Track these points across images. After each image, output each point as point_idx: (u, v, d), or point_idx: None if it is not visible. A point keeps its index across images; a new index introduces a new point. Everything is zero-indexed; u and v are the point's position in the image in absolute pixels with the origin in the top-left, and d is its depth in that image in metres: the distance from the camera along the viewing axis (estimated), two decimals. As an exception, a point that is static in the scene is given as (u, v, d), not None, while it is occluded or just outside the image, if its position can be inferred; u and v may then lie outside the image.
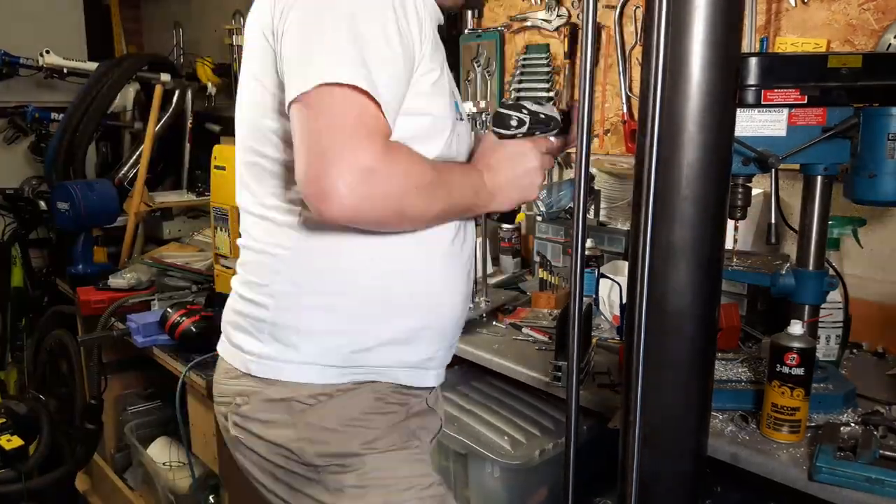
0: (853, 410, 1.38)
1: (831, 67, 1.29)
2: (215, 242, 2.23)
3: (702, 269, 1.02)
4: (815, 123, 1.31)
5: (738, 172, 1.34)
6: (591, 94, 0.97)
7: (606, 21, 2.23)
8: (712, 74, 0.96)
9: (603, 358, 1.66)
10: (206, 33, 3.98)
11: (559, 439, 1.61)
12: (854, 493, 1.13)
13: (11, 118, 3.74)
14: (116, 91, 3.24)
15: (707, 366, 1.08)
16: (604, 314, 1.95)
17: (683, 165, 0.98)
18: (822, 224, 1.39)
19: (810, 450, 1.23)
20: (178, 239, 3.10)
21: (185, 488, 2.30)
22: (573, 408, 1.05)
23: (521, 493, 1.60)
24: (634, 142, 2.11)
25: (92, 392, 2.47)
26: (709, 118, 0.97)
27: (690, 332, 1.04)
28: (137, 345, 2.08)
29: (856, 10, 1.75)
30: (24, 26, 3.75)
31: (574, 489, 1.08)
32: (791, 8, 1.85)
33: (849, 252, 1.68)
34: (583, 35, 0.95)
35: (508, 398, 1.79)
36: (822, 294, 1.42)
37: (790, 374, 1.25)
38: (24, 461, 2.29)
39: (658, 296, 1.01)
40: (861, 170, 1.29)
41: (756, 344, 1.66)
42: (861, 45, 1.75)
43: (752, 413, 1.36)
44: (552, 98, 2.46)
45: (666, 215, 0.99)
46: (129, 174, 3.30)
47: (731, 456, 1.27)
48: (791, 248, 1.62)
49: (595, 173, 2.27)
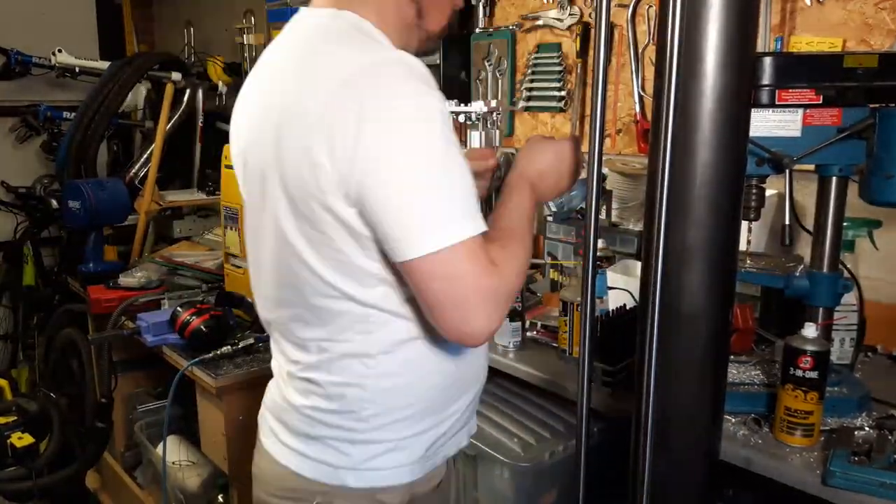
0: (867, 414, 1.36)
1: (847, 67, 1.27)
2: (225, 241, 2.23)
3: (715, 271, 1.01)
4: (831, 124, 1.30)
5: (752, 173, 1.33)
6: (603, 94, 0.96)
7: (619, 20, 2.22)
8: (726, 74, 0.95)
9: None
10: (217, 32, 3.99)
11: (569, 441, 1.60)
12: (868, 497, 1.11)
13: (24, 117, 3.76)
14: (128, 90, 3.25)
15: (720, 368, 1.07)
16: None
17: (697, 166, 0.97)
18: (837, 225, 1.37)
19: (824, 454, 1.22)
20: (189, 238, 3.11)
21: (195, 487, 2.30)
22: (584, 410, 1.05)
23: (530, 495, 1.59)
24: (647, 142, 2.10)
25: (102, 390, 2.48)
26: (723, 118, 0.96)
27: (703, 334, 1.03)
28: (147, 344, 2.08)
29: (872, 10, 1.73)
30: (36, 26, 3.77)
31: (585, 492, 1.07)
32: (806, 7, 1.84)
33: (864, 254, 1.66)
34: (596, 34, 0.94)
35: (518, 400, 1.79)
36: (836, 296, 1.40)
37: (804, 377, 1.24)
38: (35, 459, 2.29)
39: (671, 297, 1.00)
40: (877, 171, 1.28)
41: (769, 346, 1.64)
42: (877, 45, 1.73)
43: (765, 416, 1.34)
44: (563, 97, 2.45)
45: (679, 216, 0.98)
46: (139, 173, 3.31)
47: (744, 460, 1.26)
48: (805, 249, 1.60)
49: (607, 173, 2.26)
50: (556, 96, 2.48)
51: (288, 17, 3.20)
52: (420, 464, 1.14)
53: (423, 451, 1.13)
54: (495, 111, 2.03)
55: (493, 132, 1.86)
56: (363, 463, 1.11)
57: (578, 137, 1.24)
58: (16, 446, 2.18)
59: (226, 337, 1.98)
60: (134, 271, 2.53)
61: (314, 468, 1.12)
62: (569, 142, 1.23)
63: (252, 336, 2.00)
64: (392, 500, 1.13)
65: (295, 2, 3.15)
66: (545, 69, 2.51)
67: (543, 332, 1.85)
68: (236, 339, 1.99)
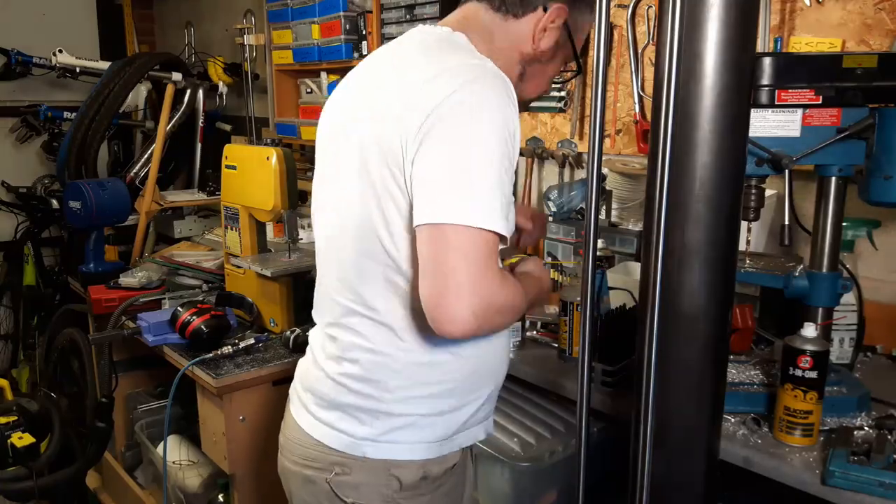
0: (867, 414, 1.36)
1: (846, 67, 1.28)
2: (226, 241, 2.23)
3: (715, 271, 1.01)
4: (830, 124, 1.30)
5: (751, 173, 1.33)
6: (603, 94, 0.96)
7: (618, 20, 2.22)
8: (726, 74, 0.95)
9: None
10: (217, 33, 4.00)
11: (569, 441, 1.60)
12: (868, 497, 1.11)
13: (24, 117, 3.77)
14: (128, 90, 3.25)
15: (719, 368, 1.08)
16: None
17: (697, 166, 0.98)
18: (836, 226, 1.38)
19: (823, 454, 1.22)
20: (189, 238, 3.11)
21: (195, 487, 2.31)
22: (584, 410, 1.05)
23: (530, 495, 1.59)
24: (646, 142, 2.11)
25: (103, 390, 2.48)
26: (722, 119, 0.97)
27: (703, 334, 1.03)
28: (148, 343, 2.09)
29: (871, 10, 1.73)
30: (37, 26, 3.78)
31: (585, 491, 1.08)
32: (806, 7, 1.84)
33: (863, 254, 1.67)
34: (596, 34, 0.94)
35: (518, 400, 1.79)
36: (835, 296, 1.41)
37: (803, 377, 1.24)
38: (36, 458, 2.29)
39: (670, 297, 1.00)
40: (876, 171, 1.28)
41: (769, 346, 1.64)
42: (876, 45, 1.73)
43: (764, 416, 1.35)
44: (563, 98, 2.45)
45: (679, 216, 0.98)
46: (140, 173, 3.32)
47: (744, 459, 1.26)
48: (804, 249, 1.60)
49: (607, 173, 2.26)
50: (556, 97, 2.48)
51: (288, 17, 3.22)
52: (438, 445, 1.19)
53: (440, 433, 1.19)
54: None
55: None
56: (383, 435, 1.17)
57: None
58: (16, 446, 2.18)
59: (226, 337, 1.99)
60: (134, 271, 2.53)
61: (337, 438, 1.19)
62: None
63: (252, 336, 2.01)
64: (405, 476, 1.18)
65: (295, 2, 3.15)
66: (545, 69, 2.51)
67: (543, 332, 1.85)
68: (237, 339, 1.99)
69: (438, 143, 1.02)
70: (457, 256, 1.00)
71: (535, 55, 1.21)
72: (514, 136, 1.05)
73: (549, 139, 2.53)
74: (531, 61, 1.22)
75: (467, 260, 1.00)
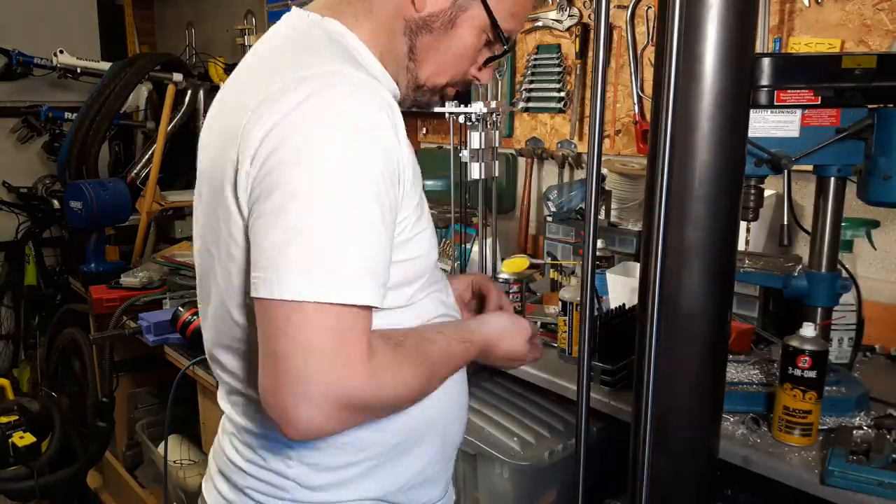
0: (866, 414, 1.36)
1: (845, 68, 1.28)
2: (226, 242, 2.23)
3: (714, 271, 1.01)
4: (829, 124, 1.30)
5: (750, 174, 1.33)
6: (602, 94, 0.96)
7: (618, 21, 2.23)
8: (725, 75, 0.95)
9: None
10: (218, 33, 4.01)
11: (569, 440, 1.61)
12: (867, 497, 1.11)
13: (25, 117, 3.77)
14: (129, 91, 3.26)
15: (719, 368, 1.08)
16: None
17: (696, 166, 0.98)
18: (835, 226, 1.38)
19: (822, 453, 1.22)
20: (190, 238, 3.11)
21: (196, 486, 2.31)
22: (583, 409, 1.05)
23: (530, 494, 1.60)
24: (646, 142, 2.11)
25: (104, 390, 2.49)
26: (721, 119, 0.97)
27: (702, 334, 1.03)
28: (149, 343, 2.09)
29: (870, 11, 1.74)
30: (38, 26, 3.78)
31: (585, 491, 1.08)
32: (805, 8, 1.84)
33: (862, 254, 1.67)
34: (595, 35, 0.94)
35: (518, 399, 1.79)
36: (834, 296, 1.41)
37: (802, 376, 1.24)
38: (37, 458, 2.30)
39: (670, 297, 1.00)
40: (875, 171, 1.28)
41: (768, 346, 1.65)
42: (876, 46, 1.74)
43: (763, 416, 1.35)
44: (563, 98, 2.46)
45: (678, 216, 0.98)
46: (141, 173, 3.32)
47: (743, 459, 1.26)
48: (803, 249, 1.61)
49: (606, 174, 2.26)
50: (556, 97, 2.49)
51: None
52: None
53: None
54: (495, 112, 2.03)
55: (492, 133, 1.87)
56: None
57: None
58: (17, 446, 2.19)
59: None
60: (135, 271, 2.53)
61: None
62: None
63: (253, 336, 2.01)
64: None
65: (296, 3, 3.16)
66: (545, 70, 2.52)
67: (543, 332, 1.85)
68: (237, 338, 1.99)
69: (267, 192, 0.80)
70: (287, 342, 0.77)
71: (422, 21, 0.96)
72: (386, 162, 0.82)
73: (548, 139, 2.54)
74: (419, 30, 0.97)
75: (304, 346, 0.76)
